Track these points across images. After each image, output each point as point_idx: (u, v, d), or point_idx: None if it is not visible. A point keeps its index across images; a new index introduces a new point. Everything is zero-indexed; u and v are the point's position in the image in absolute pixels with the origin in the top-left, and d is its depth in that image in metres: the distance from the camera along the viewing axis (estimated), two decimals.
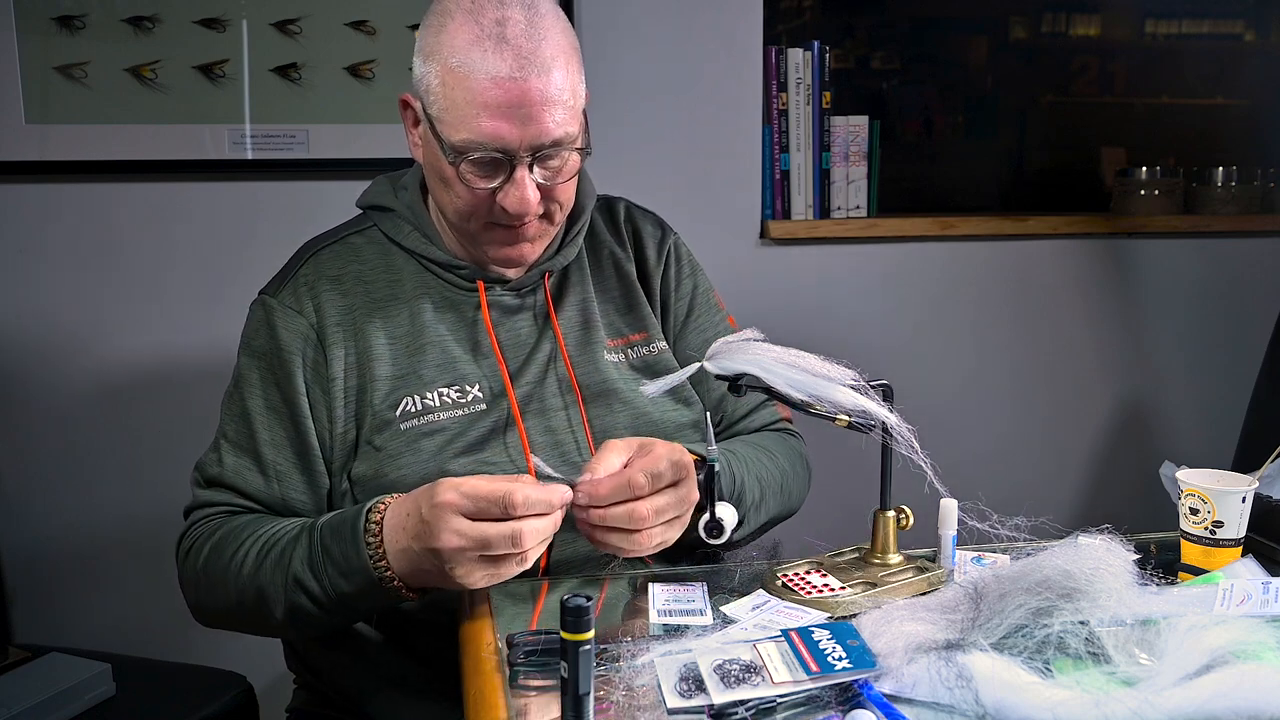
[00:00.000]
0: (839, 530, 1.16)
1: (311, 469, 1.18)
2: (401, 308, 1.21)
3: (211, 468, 1.19)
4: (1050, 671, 0.86)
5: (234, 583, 1.11)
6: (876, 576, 1.06)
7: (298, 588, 1.07)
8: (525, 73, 1.07)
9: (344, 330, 1.19)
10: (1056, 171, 3.05)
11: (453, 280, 1.22)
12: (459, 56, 1.07)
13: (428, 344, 1.19)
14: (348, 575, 1.04)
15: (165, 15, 1.85)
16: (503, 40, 1.07)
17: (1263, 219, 2.42)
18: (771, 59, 2.13)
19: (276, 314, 1.19)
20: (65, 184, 1.88)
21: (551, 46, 1.09)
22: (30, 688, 1.43)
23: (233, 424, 1.20)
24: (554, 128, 1.09)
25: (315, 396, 1.18)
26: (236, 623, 1.18)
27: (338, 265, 1.23)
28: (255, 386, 1.19)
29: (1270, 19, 3.14)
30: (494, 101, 1.07)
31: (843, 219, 2.21)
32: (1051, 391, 2.37)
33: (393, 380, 1.18)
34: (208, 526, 1.17)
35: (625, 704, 0.84)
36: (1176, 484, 1.13)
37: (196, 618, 1.22)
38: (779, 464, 1.29)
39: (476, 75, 1.07)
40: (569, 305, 1.27)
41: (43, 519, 1.94)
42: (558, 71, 1.09)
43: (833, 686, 0.86)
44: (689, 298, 1.35)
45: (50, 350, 1.91)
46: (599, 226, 1.33)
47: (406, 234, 1.23)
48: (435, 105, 1.11)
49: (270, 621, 1.10)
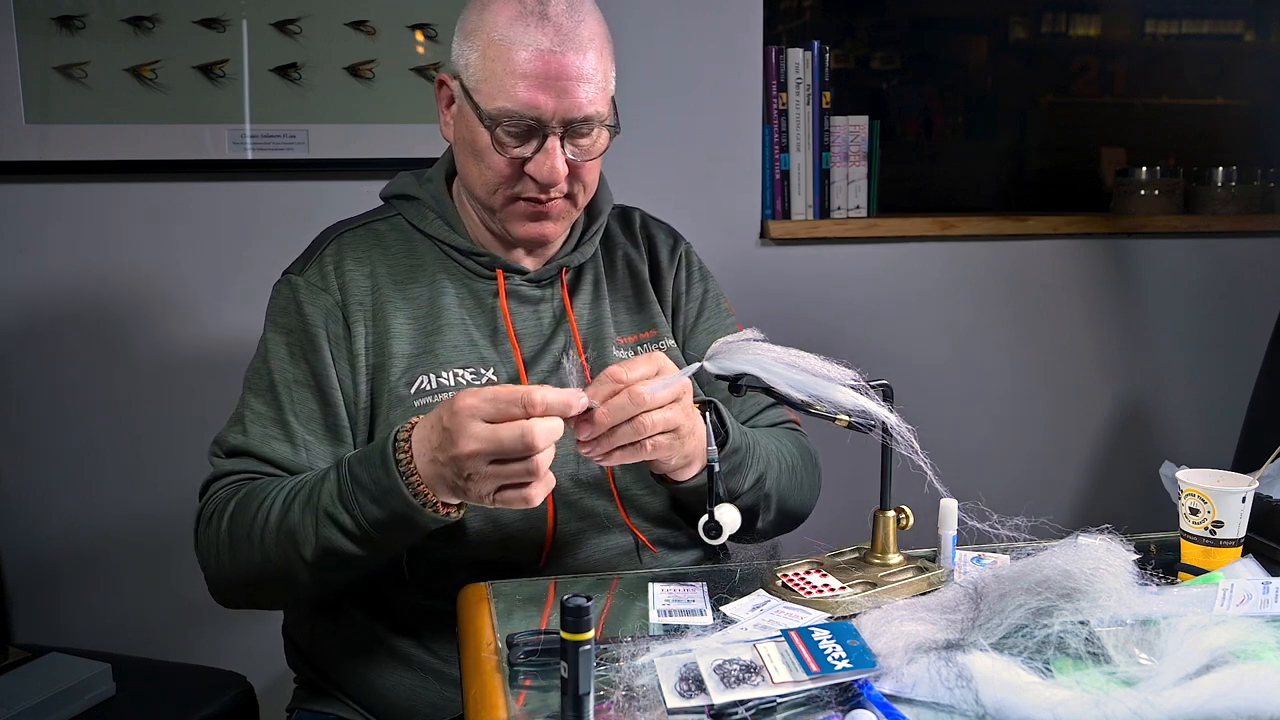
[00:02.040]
0: (839, 530, 1.16)
1: (339, 440, 1.19)
2: (422, 290, 1.24)
3: (234, 438, 1.18)
4: (1050, 671, 0.86)
5: (260, 536, 1.09)
6: (876, 576, 1.06)
7: (329, 522, 1.05)
8: (564, 48, 1.13)
9: (365, 309, 1.21)
10: (1056, 171, 3.05)
11: (473, 268, 1.25)
12: (501, 31, 1.13)
13: (446, 325, 1.22)
14: (379, 499, 1.03)
15: (165, 15, 1.86)
16: (544, 17, 1.13)
17: (1263, 219, 2.42)
18: (771, 59, 2.13)
19: (303, 291, 1.22)
20: (65, 184, 1.88)
21: (589, 30, 1.15)
22: (30, 688, 1.43)
23: (259, 398, 1.20)
24: (586, 104, 1.15)
25: (342, 371, 1.19)
26: (261, 585, 1.14)
27: (361, 248, 1.25)
28: (284, 361, 1.20)
29: (1270, 19, 3.14)
30: (532, 72, 1.12)
31: (843, 219, 2.21)
32: (1051, 392, 2.37)
33: (410, 358, 1.20)
34: (230, 490, 1.15)
35: (625, 704, 0.84)
36: (1176, 484, 1.13)
37: (215, 594, 1.18)
38: (785, 446, 1.30)
39: (517, 47, 1.12)
40: (583, 302, 1.29)
41: (43, 519, 1.94)
42: (593, 53, 1.15)
43: (833, 686, 0.86)
44: (699, 301, 1.38)
45: (51, 350, 1.91)
46: (614, 230, 1.37)
47: (430, 221, 1.26)
48: (474, 77, 1.16)
49: (297, 574, 1.08)
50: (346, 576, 1.13)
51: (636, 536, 1.23)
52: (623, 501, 1.22)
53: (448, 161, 1.30)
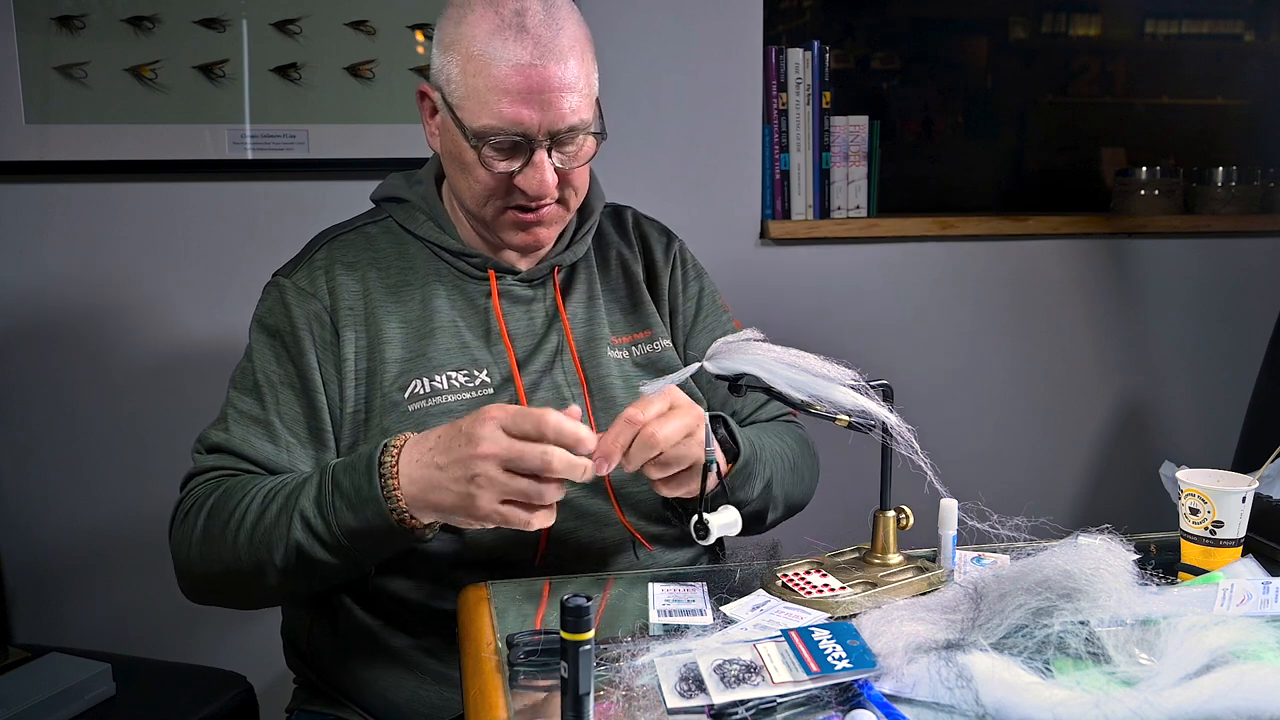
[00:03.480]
0: (839, 530, 1.16)
1: (322, 444, 1.19)
2: (414, 293, 1.23)
3: (217, 435, 1.18)
4: (1050, 671, 0.86)
5: (235, 534, 1.08)
6: (876, 576, 1.06)
7: (303, 525, 1.05)
8: (544, 60, 1.11)
9: (355, 314, 1.21)
10: (1056, 171, 3.05)
11: (464, 269, 1.25)
12: (480, 45, 1.12)
13: (438, 328, 1.21)
14: (356, 507, 1.03)
15: (165, 15, 1.86)
16: (522, 30, 1.11)
17: (1263, 219, 2.42)
18: (771, 59, 2.13)
19: (290, 294, 1.21)
20: (65, 184, 1.88)
21: (568, 37, 1.13)
22: (30, 688, 1.43)
23: (243, 398, 1.19)
24: (570, 114, 1.14)
25: (329, 375, 1.19)
26: (229, 584, 1.13)
27: (352, 252, 1.25)
28: (270, 362, 1.20)
29: (1270, 19, 3.14)
30: (514, 87, 1.11)
31: (843, 219, 2.21)
32: (1051, 391, 2.37)
33: (403, 363, 1.19)
34: (209, 485, 1.14)
35: (625, 704, 0.84)
36: (1176, 484, 1.13)
37: (184, 587, 1.17)
38: (787, 444, 1.30)
39: (497, 62, 1.11)
40: (576, 301, 1.29)
41: (43, 519, 1.94)
42: (574, 60, 1.13)
43: (833, 686, 0.86)
44: (696, 299, 1.37)
45: (50, 350, 1.91)
46: (607, 229, 1.37)
47: (421, 223, 1.26)
48: (456, 93, 1.14)
49: (266, 575, 1.07)
50: (313, 584, 1.13)
51: (631, 533, 1.23)
52: (618, 498, 1.22)
53: (438, 163, 1.30)
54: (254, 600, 1.19)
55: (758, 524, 1.26)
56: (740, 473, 1.16)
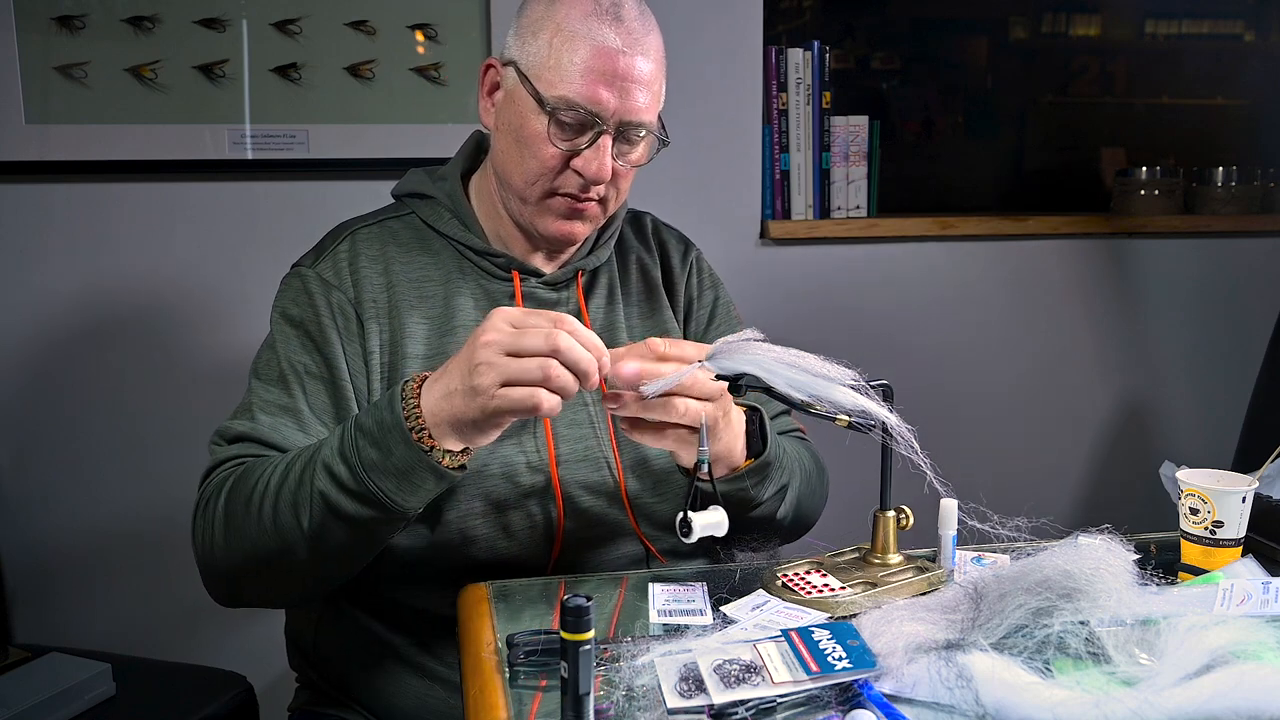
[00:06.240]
0: (839, 530, 1.16)
1: None
2: (436, 289, 1.23)
3: (241, 425, 1.14)
4: (1050, 671, 0.86)
5: (259, 504, 1.04)
6: (876, 576, 1.06)
7: (326, 474, 1.01)
8: (633, 50, 1.15)
9: (379, 307, 1.20)
10: (1056, 171, 3.05)
11: (488, 268, 1.25)
12: (575, 23, 1.15)
13: (460, 326, 1.21)
14: (379, 440, 0.99)
15: (165, 15, 1.86)
16: (618, 19, 1.15)
17: (1263, 219, 2.42)
18: (771, 59, 2.13)
19: (314, 284, 1.20)
20: (65, 184, 1.88)
21: (655, 40, 1.19)
22: (30, 688, 1.43)
23: (269, 388, 1.17)
24: (643, 109, 1.17)
25: (355, 365, 1.18)
26: (257, 568, 1.07)
27: (375, 246, 1.24)
28: (296, 351, 1.18)
29: (1270, 19, 3.14)
30: (599, 67, 1.14)
31: (843, 219, 2.21)
32: (1051, 391, 2.37)
33: (424, 360, 1.19)
34: (230, 471, 1.10)
35: (625, 704, 0.84)
36: (1176, 484, 1.13)
37: (209, 584, 1.12)
38: (806, 457, 1.30)
39: (590, 40, 1.14)
40: (597, 305, 1.29)
41: (43, 519, 1.94)
42: (655, 64, 1.18)
43: (833, 686, 0.86)
44: (710, 307, 1.38)
45: (50, 350, 1.91)
46: (627, 234, 1.37)
47: (445, 220, 1.26)
48: (537, 64, 1.16)
49: (295, 549, 1.03)
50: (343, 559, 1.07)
51: (646, 546, 1.23)
52: (633, 510, 1.21)
53: (463, 160, 1.29)
54: (286, 587, 1.12)
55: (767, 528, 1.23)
56: (759, 470, 1.15)
